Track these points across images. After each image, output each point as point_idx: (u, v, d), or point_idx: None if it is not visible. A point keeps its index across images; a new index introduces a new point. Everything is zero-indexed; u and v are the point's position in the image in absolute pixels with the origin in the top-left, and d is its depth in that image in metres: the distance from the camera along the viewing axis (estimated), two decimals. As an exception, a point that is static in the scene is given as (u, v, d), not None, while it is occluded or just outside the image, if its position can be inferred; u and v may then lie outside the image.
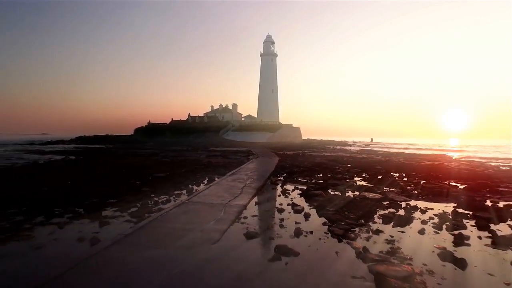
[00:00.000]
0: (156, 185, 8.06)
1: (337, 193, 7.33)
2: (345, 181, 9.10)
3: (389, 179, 9.79)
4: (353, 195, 7.04)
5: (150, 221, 4.63)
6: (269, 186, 8.44)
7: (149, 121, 64.22)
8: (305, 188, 7.82)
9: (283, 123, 60.68)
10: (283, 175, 10.57)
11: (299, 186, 8.37)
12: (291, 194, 7.29)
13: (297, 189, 7.91)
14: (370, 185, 8.39)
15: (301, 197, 6.88)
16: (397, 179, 9.82)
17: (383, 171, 11.62)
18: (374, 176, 10.33)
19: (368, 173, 11.08)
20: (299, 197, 6.93)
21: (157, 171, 10.90)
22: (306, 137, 65.45)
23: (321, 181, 9.05)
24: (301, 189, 7.73)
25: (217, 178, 9.47)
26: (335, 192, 7.45)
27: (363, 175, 10.60)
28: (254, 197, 6.58)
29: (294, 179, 9.74)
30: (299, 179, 9.64)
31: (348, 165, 14.04)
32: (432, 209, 5.93)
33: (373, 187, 8.09)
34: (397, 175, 10.82)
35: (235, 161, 15.96)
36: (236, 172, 10.56)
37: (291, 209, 5.74)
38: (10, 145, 34.72)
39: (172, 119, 65.93)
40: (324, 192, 7.29)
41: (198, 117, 66.10)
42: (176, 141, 48.51)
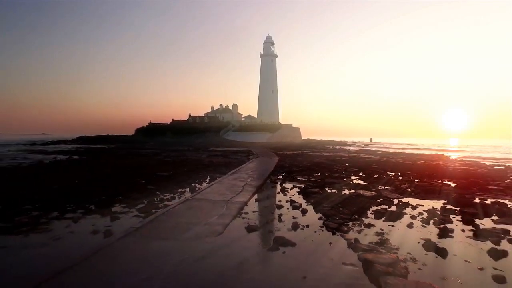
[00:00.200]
0: (160, 184, 8.41)
1: (334, 191, 7.67)
2: (342, 180, 9.44)
3: (385, 178, 10.14)
4: (349, 193, 7.38)
5: (157, 216, 4.97)
6: (268, 184, 8.78)
7: (150, 121, 64.68)
8: (303, 186, 8.17)
9: (283, 123, 61.07)
10: (283, 174, 10.91)
11: (298, 184, 8.72)
12: (290, 192, 7.64)
13: (295, 187, 8.25)
14: (365, 184, 8.73)
15: (299, 195, 7.22)
16: (392, 178, 10.17)
17: (379, 170, 11.97)
18: (370, 175, 10.68)
19: (365, 172, 11.42)
20: (297, 194, 7.28)
21: (160, 170, 11.25)
22: (306, 137, 65.80)
23: (319, 180, 9.40)
24: (299, 187, 8.08)
25: (219, 177, 9.81)
26: (332, 190, 7.79)
27: (359, 174, 10.94)
28: (254, 195, 6.92)
29: (293, 178, 10.08)
30: (298, 178, 9.99)
31: (346, 164, 14.39)
32: (422, 205, 6.27)
33: (369, 185, 8.44)
34: (393, 174, 11.16)
35: (235, 161, 16.31)
36: (237, 171, 10.90)
37: (290, 205, 6.09)
38: (13, 145, 35.08)
39: (172, 119, 66.38)
40: (321, 190, 7.64)
41: (198, 117, 66.48)
42: (176, 141, 48.87)
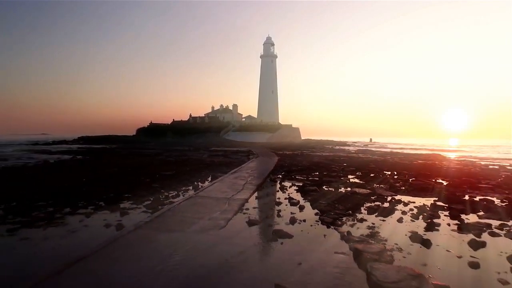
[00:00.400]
0: (164, 182, 8.76)
1: (331, 189, 8.01)
2: (339, 179, 9.80)
3: (380, 177, 10.48)
4: (345, 190, 7.72)
5: (164, 211, 5.32)
6: (268, 183, 9.13)
7: (151, 122, 65.01)
8: (301, 184, 8.53)
9: (283, 123, 61.45)
10: (282, 173, 11.26)
11: (296, 183, 9.07)
12: (289, 190, 7.99)
13: (294, 185, 8.61)
14: (361, 182, 9.07)
15: (298, 193, 7.57)
16: (388, 177, 10.51)
17: (376, 169, 12.32)
18: (367, 174, 11.03)
19: (361, 171, 11.77)
20: (295, 192, 7.63)
21: (163, 169, 11.60)
22: (305, 137, 66.16)
23: (317, 179, 9.75)
24: (297, 186, 8.44)
25: (220, 176, 10.15)
26: (329, 188, 8.14)
27: (356, 174, 11.29)
28: (254, 192, 7.27)
29: (292, 177, 10.43)
30: (297, 177, 10.34)
31: (344, 164, 14.73)
32: (414, 202, 6.62)
33: (364, 184, 8.78)
34: (389, 173, 11.51)
35: (236, 161, 16.66)
36: (237, 170, 11.25)
37: (288, 202, 6.44)
38: (15, 145, 35.46)
39: (173, 119, 66.71)
40: (318, 188, 7.99)
41: (199, 117, 66.83)
42: (177, 141, 49.24)
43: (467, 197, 7.08)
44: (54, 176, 9.95)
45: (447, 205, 6.18)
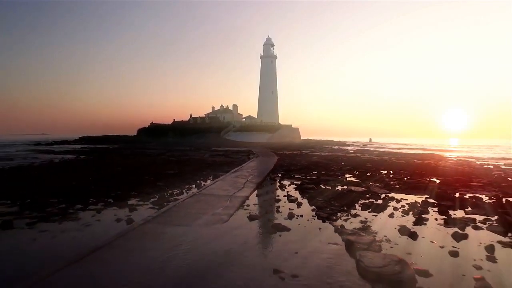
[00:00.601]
0: (168, 181, 9.11)
1: (328, 187, 8.37)
2: (337, 178, 10.15)
3: (377, 175, 10.83)
4: (341, 188, 8.07)
5: (170, 207, 5.67)
6: (268, 181, 9.48)
7: (152, 122, 65.42)
8: (299, 183, 8.88)
9: (283, 123, 61.80)
10: (281, 172, 11.61)
11: (295, 181, 9.42)
12: (287, 188, 8.34)
13: (293, 184, 8.96)
14: (358, 181, 9.43)
15: (296, 190, 7.92)
16: (384, 176, 10.85)
17: (373, 169, 12.67)
18: (363, 173, 11.37)
19: (358, 170, 12.12)
20: (294, 190, 7.98)
21: (166, 169, 11.96)
22: (305, 137, 66.55)
23: (315, 178, 10.10)
24: (296, 184, 8.79)
25: (222, 175, 10.49)
26: (326, 186, 8.49)
27: (354, 173, 11.63)
28: (255, 190, 7.62)
29: (291, 175, 10.78)
30: (295, 176, 10.69)
31: (342, 163, 15.09)
32: (406, 199, 6.96)
33: (360, 182, 9.13)
34: (385, 172, 11.86)
35: (237, 160, 17.02)
36: (238, 169, 11.61)
37: (287, 199, 6.79)
38: (18, 146, 35.83)
39: (174, 119, 67.09)
40: (316, 186, 8.34)
41: (199, 117, 67.21)
42: (178, 141, 49.59)
43: (457, 195, 7.42)
44: (61, 175, 10.30)
45: (437, 202, 6.52)
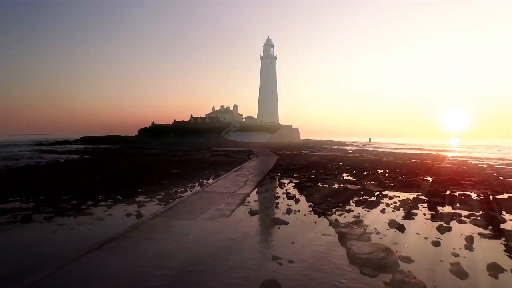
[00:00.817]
0: (172, 179, 9.50)
1: (325, 185, 8.75)
2: (334, 176, 10.53)
3: (373, 174, 11.21)
4: (338, 186, 8.45)
5: (175, 203, 6.05)
6: (268, 180, 9.86)
7: (153, 122, 65.82)
8: (298, 181, 9.27)
9: (283, 124, 62.23)
10: (281, 171, 11.99)
11: (294, 180, 9.80)
12: (286, 186, 8.73)
13: (291, 182, 9.34)
14: (354, 179, 9.81)
15: (294, 188, 8.30)
16: (380, 175, 11.23)
17: (369, 168, 13.05)
18: (360, 172, 11.75)
19: (355, 170, 12.49)
20: (292, 188, 8.37)
21: (169, 168, 12.35)
22: (305, 137, 66.95)
23: (313, 176, 10.48)
24: (295, 182, 9.18)
25: (223, 174, 10.87)
26: (323, 184, 8.87)
27: (351, 172, 12.01)
28: (255, 188, 7.99)
29: (290, 174, 11.16)
30: (294, 175, 11.07)
31: (339, 163, 15.46)
32: (399, 196, 7.34)
33: (356, 181, 9.51)
34: (381, 171, 12.23)
35: (237, 160, 17.40)
36: (239, 169, 11.99)
37: (285, 196, 7.18)
38: (21, 146, 36.22)
39: (174, 120, 67.55)
40: (314, 184, 8.73)
41: (200, 118, 67.63)
42: (179, 141, 50.00)
43: (448, 192, 7.80)
44: (68, 174, 10.69)
45: (427, 199, 6.90)
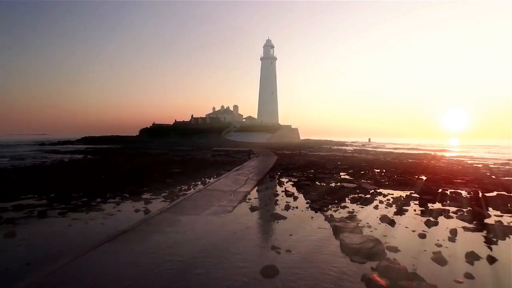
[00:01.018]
0: (175, 178, 9.85)
1: (323, 184, 9.10)
2: (332, 176, 10.88)
3: (370, 174, 11.57)
4: (335, 185, 8.80)
5: (180, 200, 6.40)
6: (268, 179, 10.22)
7: (154, 122, 66.11)
8: (296, 180, 9.62)
9: (282, 124, 62.62)
10: (280, 171, 12.35)
11: (293, 179, 10.16)
12: (285, 184, 9.09)
13: (290, 181, 9.70)
14: (351, 178, 10.16)
15: (293, 187, 8.66)
16: (376, 174, 11.59)
17: (366, 168, 13.40)
18: (357, 171, 12.11)
19: (353, 169, 12.85)
20: (291, 186, 8.73)
21: (172, 167, 12.70)
22: (305, 137, 67.33)
23: (311, 175, 10.83)
24: (293, 181, 9.53)
25: (224, 173, 11.23)
26: (321, 183, 9.22)
27: (348, 171, 12.36)
28: (255, 186, 8.35)
29: (289, 174, 11.52)
30: (293, 174, 11.43)
31: (338, 163, 15.82)
32: (392, 194, 7.70)
33: (353, 179, 9.87)
34: (378, 171, 12.59)
35: (238, 160, 17.76)
36: (240, 168, 12.35)
37: (284, 194, 7.53)
38: (23, 146, 36.58)
39: (175, 120, 67.85)
40: (312, 183, 9.08)
41: (200, 118, 67.97)
42: (180, 141, 50.35)
43: (440, 190, 8.15)
44: (74, 173, 11.04)
45: (419, 196, 7.26)
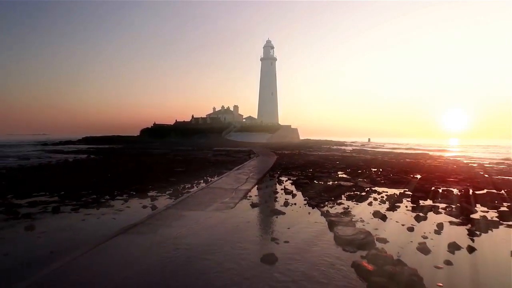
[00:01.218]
0: (178, 177, 10.21)
1: (320, 182, 9.45)
2: (330, 174, 11.23)
3: (366, 173, 11.92)
4: (332, 183, 9.15)
5: (184, 198, 6.75)
6: (267, 177, 10.58)
7: (155, 122, 66.47)
8: (295, 179, 9.98)
9: (282, 124, 63.00)
10: (280, 170, 12.70)
11: (292, 177, 10.51)
12: (284, 183, 9.45)
13: (289, 179, 10.06)
14: (348, 177, 10.52)
15: (292, 185, 9.02)
16: (373, 173, 11.94)
17: (364, 167, 13.76)
18: (355, 171, 12.46)
19: (351, 168, 13.20)
20: (290, 184, 9.09)
21: (175, 167, 13.06)
22: (305, 137, 67.71)
23: (310, 174, 11.19)
24: (292, 180, 9.89)
25: (225, 172, 11.59)
26: (319, 181, 9.58)
27: (346, 170, 12.72)
28: (256, 185, 8.70)
29: (288, 173, 11.88)
30: (292, 173, 11.78)
31: (336, 162, 16.18)
32: (387, 192, 8.05)
33: (350, 178, 10.22)
34: (375, 170, 12.94)
35: (238, 159, 18.12)
36: (240, 167, 12.70)
37: (283, 192, 7.89)
38: (26, 146, 36.94)
39: (176, 120, 68.22)
40: (310, 181, 9.44)
41: (201, 118, 68.36)
42: (180, 141, 50.72)
43: (433, 188, 8.50)
44: (80, 172, 11.40)
45: (412, 194, 7.61)
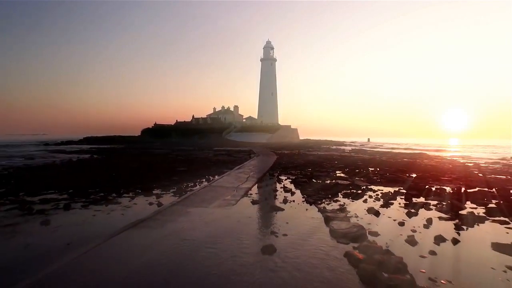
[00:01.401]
0: (181, 176, 10.53)
1: (319, 181, 9.78)
2: (328, 174, 11.55)
3: (364, 172, 12.24)
4: (330, 182, 9.47)
5: (188, 195, 7.08)
6: (267, 176, 10.90)
7: (156, 123, 66.83)
8: (294, 178, 10.30)
9: (282, 124, 63.32)
10: (279, 169, 13.01)
11: (291, 176, 10.83)
12: (284, 181, 9.77)
13: (289, 178, 10.38)
14: (345, 176, 10.84)
15: (291, 183, 9.34)
16: (370, 172, 12.26)
17: (362, 166, 14.07)
18: (353, 170, 12.77)
19: (349, 168, 13.52)
20: (289, 183, 9.40)
21: (177, 166, 13.38)
22: (304, 137, 68.06)
23: (308, 174, 11.51)
24: (292, 179, 10.21)
25: (227, 171, 11.90)
26: (317, 180, 9.90)
27: (344, 170, 13.04)
28: (256, 183, 9.02)
29: (288, 172, 12.20)
30: (292, 172, 12.10)
31: (335, 162, 16.50)
32: (382, 190, 8.37)
33: (347, 177, 10.54)
34: (372, 169, 13.26)
35: (239, 159, 18.44)
36: (241, 167, 13.02)
37: (282, 190, 8.21)
38: (28, 146, 37.25)
39: (176, 120, 68.63)
40: (309, 180, 9.76)
41: (201, 118, 68.73)
42: (181, 141, 51.05)
43: (427, 186, 8.82)
44: (85, 172, 11.72)
45: (406, 191, 7.93)
